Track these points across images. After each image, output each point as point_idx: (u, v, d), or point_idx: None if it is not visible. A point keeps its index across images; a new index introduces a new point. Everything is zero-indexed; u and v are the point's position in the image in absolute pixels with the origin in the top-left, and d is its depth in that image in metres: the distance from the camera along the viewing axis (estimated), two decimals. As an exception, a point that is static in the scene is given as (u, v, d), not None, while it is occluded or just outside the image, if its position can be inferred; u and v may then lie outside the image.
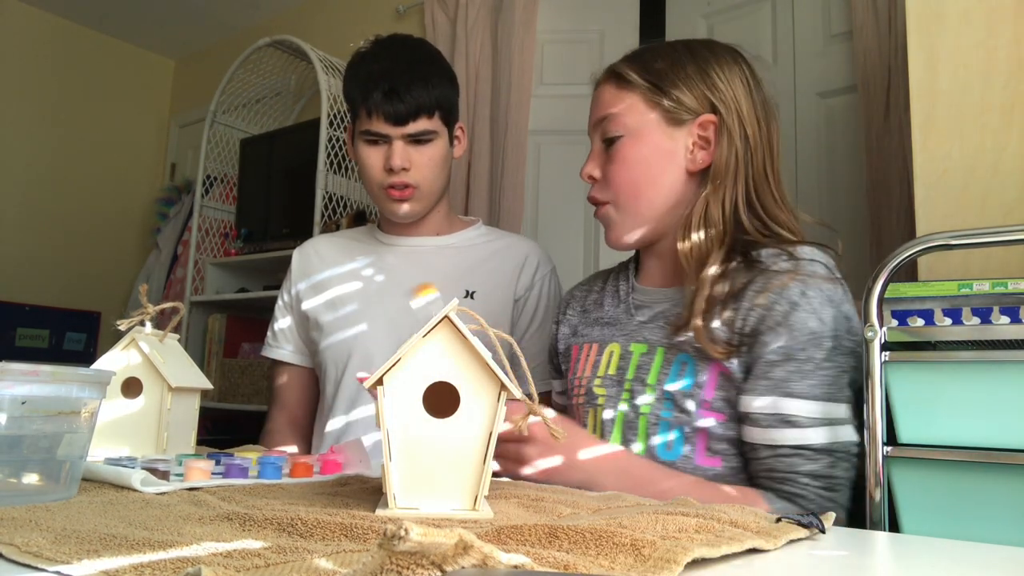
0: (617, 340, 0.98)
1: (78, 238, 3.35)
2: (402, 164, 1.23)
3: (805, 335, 0.82)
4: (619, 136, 0.96)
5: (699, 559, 0.41)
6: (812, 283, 0.84)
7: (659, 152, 0.95)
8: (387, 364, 0.56)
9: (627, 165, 0.95)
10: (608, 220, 0.99)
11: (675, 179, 0.95)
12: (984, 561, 0.50)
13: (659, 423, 0.89)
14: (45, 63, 3.30)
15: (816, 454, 0.81)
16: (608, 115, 0.97)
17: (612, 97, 0.98)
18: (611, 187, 0.97)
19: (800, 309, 0.83)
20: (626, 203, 0.97)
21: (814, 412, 0.81)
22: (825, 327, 0.83)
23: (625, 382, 0.94)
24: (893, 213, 1.54)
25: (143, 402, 0.82)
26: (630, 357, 0.95)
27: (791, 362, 0.82)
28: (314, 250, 1.42)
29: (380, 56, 1.24)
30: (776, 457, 0.82)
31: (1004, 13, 1.02)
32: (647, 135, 0.95)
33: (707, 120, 0.94)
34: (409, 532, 0.29)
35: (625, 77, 0.97)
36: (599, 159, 0.99)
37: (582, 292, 1.13)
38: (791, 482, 0.81)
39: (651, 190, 0.95)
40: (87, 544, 0.41)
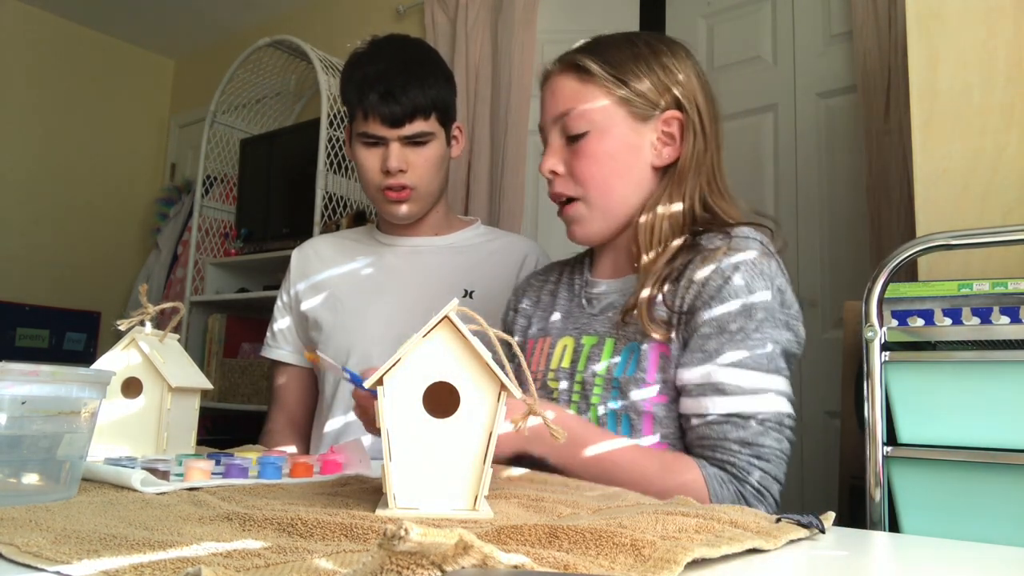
0: (570, 333, 0.99)
1: (78, 238, 3.35)
2: (398, 166, 1.23)
3: (736, 307, 0.83)
4: (585, 132, 0.94)
5: (699, 559, 0.41)
6: (745, 257, 0.85)
7: (626, 147, 0.94)
8: (387, 364, 0.56)
9: (596, 160, 0.94)
10: (577, 216, 0.98)
11: (641, 173, 0.95)
12: (984, 561, 0.50)
13: (608, 413, 0.90)
14: (45, 63, 3.30)
15: (745, 421, 0.81)
16: (571, 109, 0.95)
17: (573, 91, 0.95)
18: (580, 183, 0.96)
19: (732, 282, 0.84)
20: (597, 198, 0.95)
21: (743, 381, 0.82)
22: (756, 299, 0.84)
23: (577, 374, 0.94)
24: (893, 213, 1.54)
25: (143, 402, 0.82)
26: (582, 350, 0.95)
27: (723, 334, 0.83)
28: (313, 250, 1.42)
29: (375, 58, 1.24)
30: (707, 425, 0.83)
31: (1004, 13, 1.02)
32: (614, 129, 0.94)
33: (672, 116, 0.94)
34: (409, 532, 0.29)
35: (588, 70, 0.95)
36: (561, 154, 0.97)
37: (538, 282, 1.12)
38: (722, 449, 0.82)
39: (621, 184, 0.95)
40: (87, 544, 0.41)
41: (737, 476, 0.80)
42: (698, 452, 0.84)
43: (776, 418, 0.82)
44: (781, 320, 0.85)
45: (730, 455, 0.81)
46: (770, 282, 0.85)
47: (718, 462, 0.82)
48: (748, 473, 0.80)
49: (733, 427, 0.81)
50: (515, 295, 1.14)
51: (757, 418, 0.81)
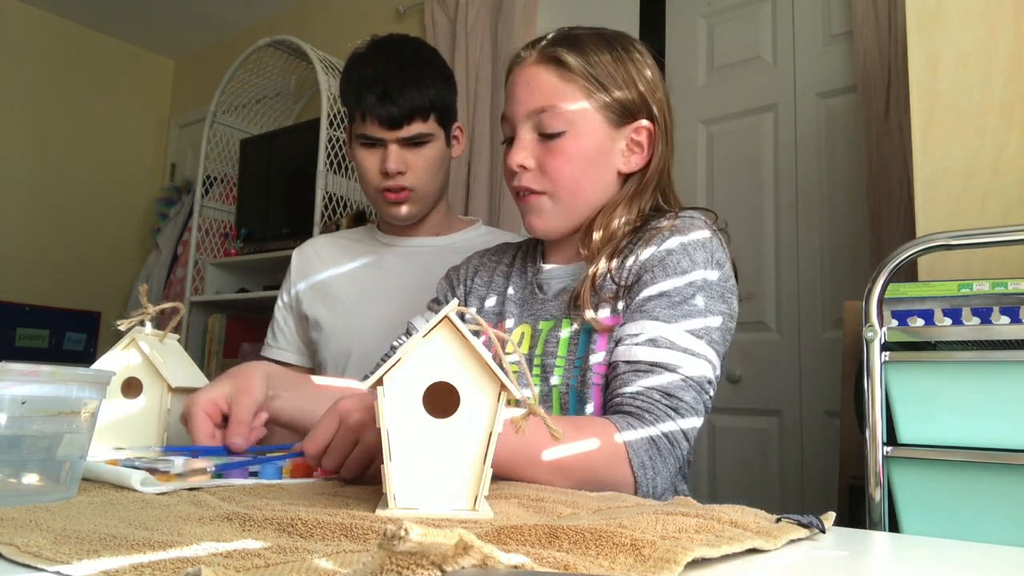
0: (526, 320, 0.99)
1: (78, 238, 3.36)
2: (397, 168, 1.23)
3: (676, 272, 0.87)
4: (562, 132, 0.93)
5: (699, 559, 0.41)
6: (687, 231, 0.89)
7: (599, 150, 0.95)
8: (387, 364, 0.56)
9: (570, 160, 0.94)
10: (539, 208, 0.97)
11: (609, 178, 0.97)
12: (984, 561, 0.50)
13: (569, 392, 0.91)
14: (45, 63, 3.30)
15: (670, 374, 0.83)
16: (550, 107, 0.93)
17: (552, 87, 0.94)
18: (549, 179, 0.95)
19: (674, 253, 0.88)
20: (564, 197, 0.96)
21: (676, 338, 0.84)
22: (696, 267, 0.87)
23: (535, 358, 0.95)
24: (893, 213, 1.54)
25: (143, 402, 0.82)
26: (539, 335, 0.96)
27: (663, 297, 0.86)
28: (314, 250, 1.42)
29: (373, 59, 1.24)
30: (634, 372, 0.83)
31: (1004, 13, 1.02)
32: (589, 132, 0.94)
33: (642, 127, 0.95)
34: (409, 532, 0.29)
35: (567, 66, 0.94)
36: (533, 149, 0.95)
37: (491, 263, 1.11)
38: (642, 397, 0.82)
39: (590, 186, 0.96)
40: (87, 544, 0.41)
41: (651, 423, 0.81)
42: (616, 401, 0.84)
43: (699, 379, 0.83)
44: (717, 292, 0.87)
45: (649, 403, 0.82)
46: (710, 255, 0.88)
47: (634, 409, 0.82)
48: (661, 421, 0.81)
49: (656, 376, 0.83)
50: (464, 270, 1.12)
51: (681, 373, 0.83)
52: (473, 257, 1.14)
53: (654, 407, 0.81)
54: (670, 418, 0.81)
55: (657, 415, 0.81)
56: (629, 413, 0.82)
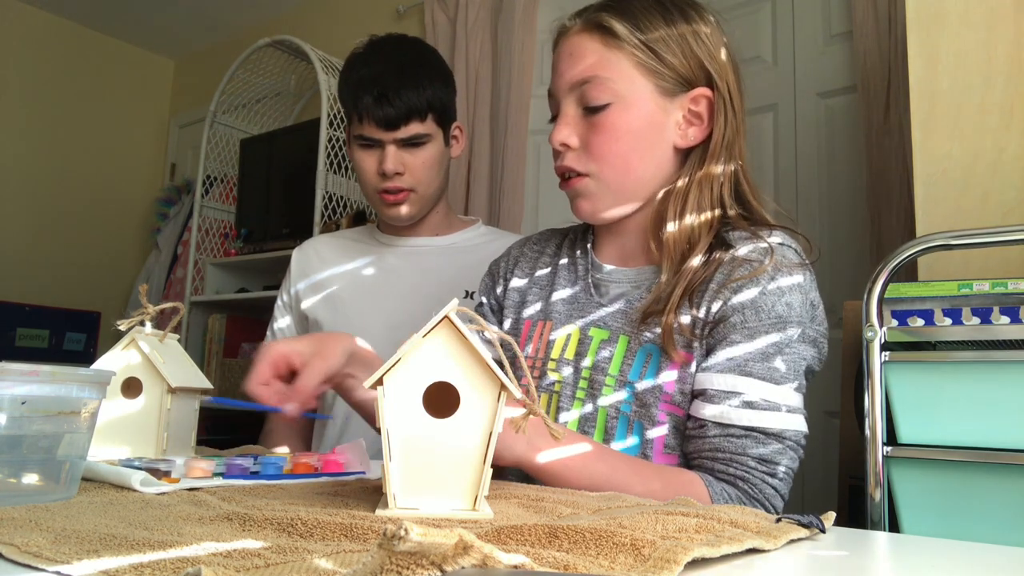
0: (575, 322, 0.91)
1: (78, 238, 3.35)
2: (395, 169, 1.23)
3: (772, 319, 0.79)
4: (607, 104, 0.85)
5: (699, 559, 0.41)
6: (782, 269, 0.81)
7: (649, 124, 0.86)
8: (387, 364, 0.56)
9: (616, 136, 0.85)
10: (585, 192, 0.89)
11: (663, 154, 0.88)
12: (984, 561, 0.50)
13: (619, 416, 0.85)
14: (45, 63, 3.30)
15: (767, 438, 0.78)
16: (595, 77, 0.85)
17: (597, 56, 0.85)
18: (594, 159, 0.87)
19: (769, 294, 0.80)
20: (613, 177, 0.87)
21: (772, 396, 0.78)
22: (792, 313, 0.80)
23: (583, 369, 0.88)
24: (893, 213, 1.54)
25: (143, 402, 0.82)
26: (589, 342, 0.89)
27: (753, 343, 0.79)
28: (313, 250, 1.42)
29: (371, 59, 1.24)
30: (726, 437, 0.78)
31: (1004, 13, 1.02)
32: (638, 103, 0.85)
33: (701, 95, 0.86)
34: (409, 532, 0.29)
35: (613, 32, 0.85)
36: (576, 125, 0.88)
37: (533, 254, 1.03)
38: (737, 463, 0.78)
39: (640, 164, 0.87)
40: (87, 544, 0.41)
41: (748, 493, 0.78)
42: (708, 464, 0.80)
43: (796, 438, 0.79)
44: (810, 336, 0.81)
45: (745, 471, 0.78)
46: (805, 296, 0.81)
47: (729, 476, 0.78)
48: (759, 491, 0.78)
49: (753, 442, 0.78)
50: (504, 263, 1.04)
51: (780, 436, 0.78)
52: (513, 247, 1.06)
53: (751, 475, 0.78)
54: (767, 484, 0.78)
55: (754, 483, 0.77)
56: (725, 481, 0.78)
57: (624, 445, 0.85)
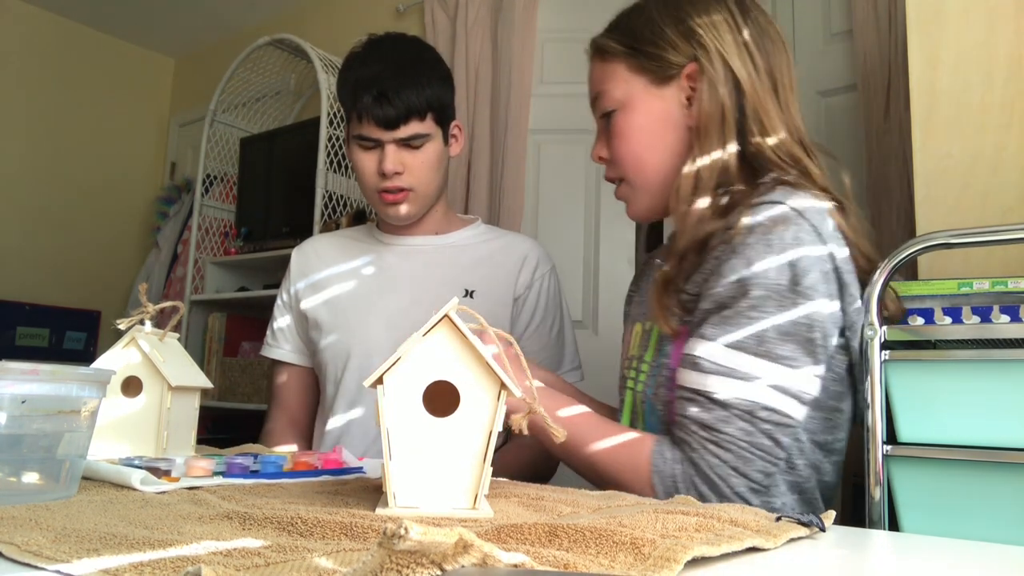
0: (640, 319, 0.98)
1: (78, 238, 3.35)
2: (394, 168, 1.22)
3: (731, 280, 0.77)
4: (613, 111, 0.93)
5: (699, 558, 0.41)
6: (756, 229, 0.77)
7: (652, 116, 0.91)
8: (387, 363, 0.56)
9: (626, 138, 0.92)
10: (624, 196, 0.97)
11: (677, 140, 0.91)
12: (984, 561, 0.50)
13: (646, 401, 0.88)
14: (45, 63, 3.30)
15: (710, 404, 0.75)
16: (599, 92, 0.95)
17: (599, 73, 0.95)
18: (617, 163, 0.95)
19: (735, 255, 0.77)
20: (634, 176, 0.94)
21: (719, 359, 0.76)
22: (754, 274, 0.75)
23: (633, 360, 0.94)
24: (893, 213, 1.54)
25: (143, 401, 0.82)
26: (642, 335, 0.95)
27: (718, 308, 0.78)
28: (313, 249, 1.42)
29: (369, 59, 1.24)
30: (680, 399, 0.79)
31: (1004, 13, 1.02)
32: (638, 102, 0.92)
33: (692, 70, 0.88)
34: (409, 531, 0.29)
35: (606, 49, 0.94)
36: (604, 137, 0.97)
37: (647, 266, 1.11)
38: (682, 427, 0.78)
39: (654, 157, 0.92)
40: (87, 543, 0.41)
41: (691, 459, 0.76)
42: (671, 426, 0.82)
43: (747, 407, 0.74)
44: (788, 298, 0.75)
45: (687, 434, 0.77)
46: (778, 255, 0.75)
47: (677, 438, 0.79)
48: (700, 456, 0.75)
49: (697, 406, 0.77)
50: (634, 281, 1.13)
51: (724, 404, 0.75)
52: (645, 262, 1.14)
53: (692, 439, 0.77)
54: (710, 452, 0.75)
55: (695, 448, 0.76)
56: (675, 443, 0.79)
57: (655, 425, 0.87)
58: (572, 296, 2.07)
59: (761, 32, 0.90)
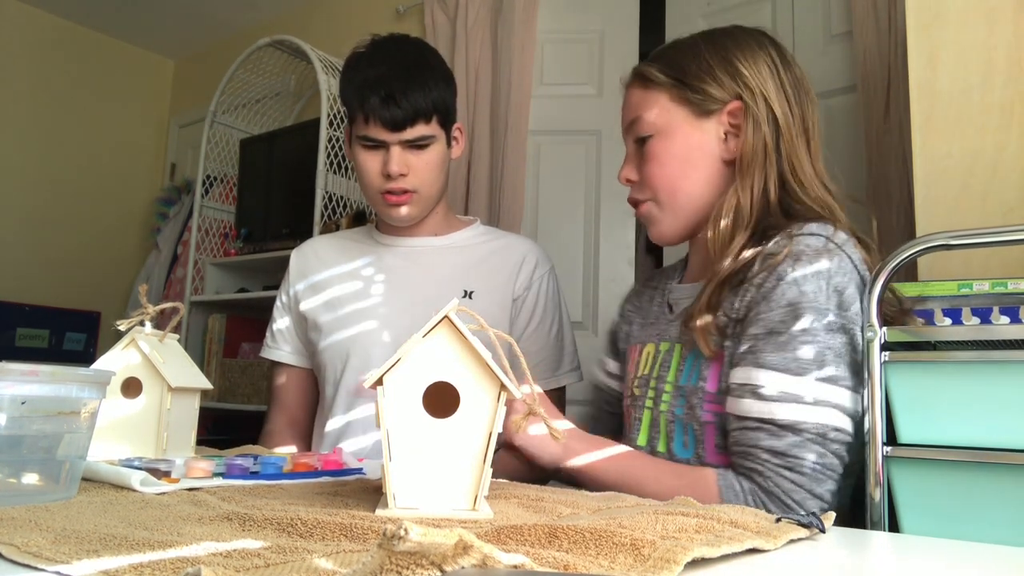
0: (652, 340, 1.00)
1: (78, 238, 3.35)
2: (400, 170, 1.22)
3: (783, 306, 0.80)
4: (649, 136, 0.97)
5: (699, 559, 0.41)
6: (802, 257, 0.82)
7: (690, 146, 0.95)
8: (387, 364, 0.56)
9: (660, 162, 0.96)
10: (650, 217, 1.00)
11: (711, 170, 0.95)
12: (984, 561, 0.50)
13: (675, 421, 0.90)
14: (45, 63, 3.30)
15: (781, 431, 0.77)
16: (637, 117, 0.98)
17: (639, 99, 0.99)
18: (648, 186, 0.98)
19: (783, 282, 0.81)
20: (666, 199, 0.97)
21: (782, 386, 0.78)
22: (806, 300, 0.80)
23: (651, 380, 0.95)
24: (893, 213, 1.54)
25: (143, 402, 0.82)
26: (659, 356, 0.97)
27: (770, 335, 0.80)
28: (312, 251, 1.42)
29: (376, 60, 1.24)
30: (742, 429, 0.80)
31: (1004, 13, 1.02)
32: (676, 131, 0.95)
33: (735, 108, 0.93)
34: (409, 532, 0.29)
35: (649, 77, 0.98)
36: (634, 161, 1.00)
37: (641, 287, 1.15)
38: (751, 457, 0.79)
39: (687, 184, 0.96)
40: (87, 544, 0.41)
41: (763, 486, 0.77)
42: (731, 456, 0.82)
43: (819, 430, 0.77)
44: (837, 324, 0.80)
45: (758, 463, 0.78)
46: (827, 283, 0.80)
47: (745, 469, 0.79)
48: (775, 484, 0.77)
49: (767, 435, 0.78)
50: (625, 300, 1.16)
51: (795, 428, 0.77)
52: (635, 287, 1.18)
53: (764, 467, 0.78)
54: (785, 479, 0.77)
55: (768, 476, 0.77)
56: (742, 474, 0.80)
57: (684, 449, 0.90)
58: (572, 297, 2.07)
59: (797, 82, 0.97)
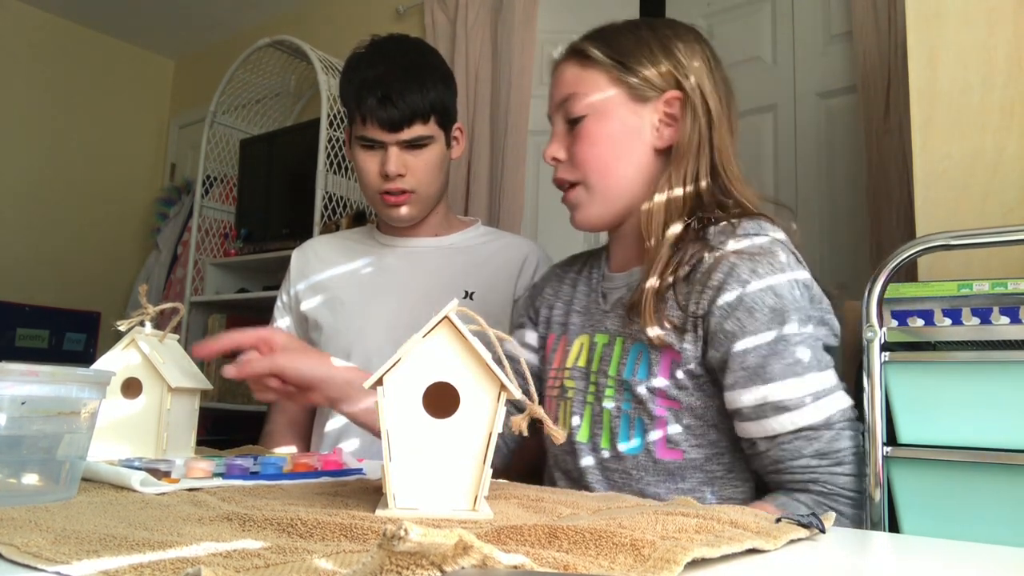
0: (585, 331, 0.97)
1: (78, 238, 3.35)
2: (397, 170, 1.23)
3: (767, 315, 0.80)
4: (583, 116, 0.94)
5: (699, 559, 0.41)
6: (760, 258, 0.82)
7: (625, 129, 0.93)
8: (387, 364, 0.56)
9: (593, 142, 0.93)
10: (577, 201, 0.97)
11: (642, 156, 0.94)
12: (984, 561, 0.50)
13: (620, 416, 0.88)
14: (45, 63, 3.30)
15: (816, 432, 0.78)
16: (572, 94, 0.94)
17: (575, 76, 0.95)
18: (578, 166, 0.95)
19: (751, 287, 0.81)
20: (596, 181, 0.94)
21: (801, 390, 0.78)
22: (783, 300, 0.80)
23: (591, 375, 0.92)
24: (893, 213, 1.54)
25: (143, 402, 0.82)
26: (595, 348, 0.94)
27: (762, 346, 0.80)
28: (313, 251, 1.42)
29: (374, 60, 1.24)
30: (778, 447, 0.79)
31: (1004, 13, 1.02)
32: (612, 112, 0.93)
33: (673, 97, 0.92)
34: (409, 532, 0.29)
35: (588, 55, 0.95)
36: (563, 140, 0.97)
37: (561, 272, 1.10)
38: (798, 470, 0.78)
39: (620, 166, 0.93)
40: (87, 544, 0.41)
41: (822, 492, 0.78)
42: (774, 478, 0.81)
43: (843, 416, 0.79)
44: (815, 317, 0.82)
45: (808, 472, 0.78)
46: (792, 281, 0.82)
47: (800, 483, 0.79)
48: (833, 484, 0.77)
49: (805, 442, 0.78)
50: (544, 283, 1.12)
51: (828, 424, 0.78)
52: (551, 269, 1.14)
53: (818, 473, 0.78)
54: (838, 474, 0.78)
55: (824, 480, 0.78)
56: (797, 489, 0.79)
57: (629, 445, 0.87)
58: (572, 297, 2.07)
59: (726, 81, 0.97)
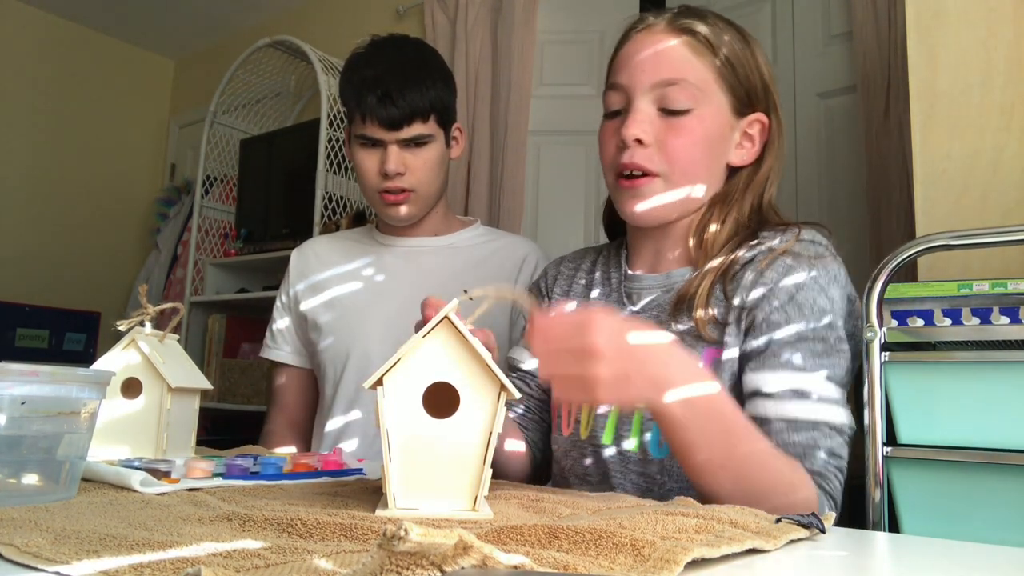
0: None
1: (78, 239, 3.35)
2: (396, 169, 1.23)
3: (816, 314, 0.79)
4: (689, 110, 0.86)
5: (699, 559, 0.41)
6: (818, 262, 0.81)
7: (721, 136, 0.89)
8: (387, 364, 0.56)
9: (694, 140, 0.86)
10: (648, 192, 0.88)
11: (719, 168, 0.91)
12: (984, 561, 0.50)
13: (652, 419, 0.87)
14: (45, 63, 3.30)
15: (832, 431, 0.78)
16: (681, 80, 0.85)
17: (684, 59, 0.86)
18: (668, 159, 0.87)
19: (807, 288, 0.80)
20: (680, 179, 0.88)
21: (829, 391, 0.78)
22: (834, 307, 0.80)
23: None
24: (893, 213, 1.54)
25: (143, 402, 0.82)
26: None
27: (804, 341, 0.79)
28: (312, 251, 1.42)
29: (374, 59, 1.24)
30: (795, 431, 0.78)
31: (1004, 13, 1.02)
32: (715, 116, 0.88)
33: (757, 119, 0.90)
34: (409, 532, 0.29)
35: (700, 38, 0.87)
36: (653, 124, 0.86)
37: (569, 270, 1.06)
38: (810, 459, 0.77)
39: (704, 171, 0.89)
40: (86, 544, 0.41)
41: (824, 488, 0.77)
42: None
43: (848, 430, 0.79)
44: (849, 331, 0.82)
45: (819, 465, 0.77)
46: (843, 290, 0.82)
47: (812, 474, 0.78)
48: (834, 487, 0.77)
49: (823, 436, 0.77)
50: (544, 283, 1.07)
51: (840, 429, 0.78)
52: (550, 266, 1.10)
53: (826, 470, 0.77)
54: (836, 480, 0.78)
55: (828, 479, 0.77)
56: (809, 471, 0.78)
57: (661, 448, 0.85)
58: (572, 297, 2.07)
59: None
